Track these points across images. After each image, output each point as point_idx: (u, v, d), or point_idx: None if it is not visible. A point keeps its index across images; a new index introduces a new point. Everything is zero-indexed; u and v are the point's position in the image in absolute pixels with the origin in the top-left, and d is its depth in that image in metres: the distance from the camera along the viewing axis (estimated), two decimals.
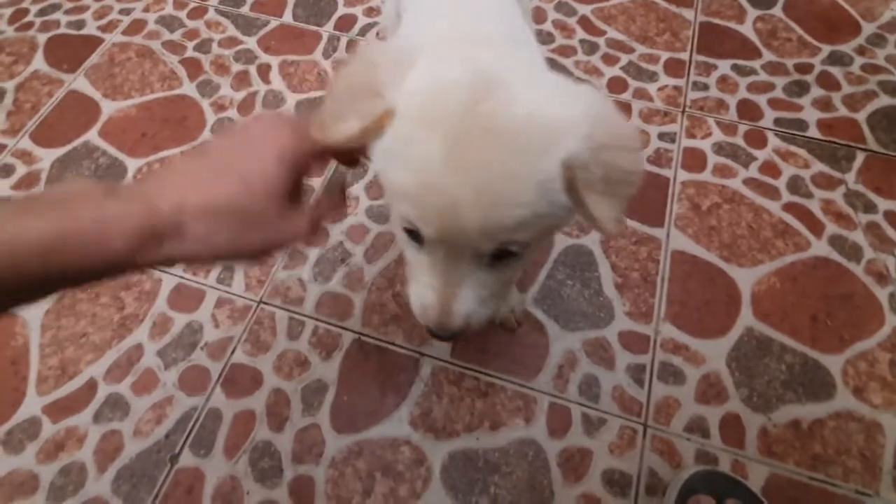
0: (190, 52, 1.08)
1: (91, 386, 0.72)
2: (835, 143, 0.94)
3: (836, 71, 1.03)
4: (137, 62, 1.07)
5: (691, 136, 0.96)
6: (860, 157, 0.92)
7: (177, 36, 1.11)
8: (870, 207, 0.87)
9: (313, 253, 0.84)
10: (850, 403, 0.71)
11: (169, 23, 1.13)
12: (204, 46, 1.09)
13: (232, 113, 0.99)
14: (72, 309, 0.79)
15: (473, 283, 0.37)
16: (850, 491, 0.65)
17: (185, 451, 0.68)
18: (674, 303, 0.79)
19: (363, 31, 1.10)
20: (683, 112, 0.99)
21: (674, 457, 0.68)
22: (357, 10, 1.14)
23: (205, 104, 1.01)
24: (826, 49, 1.06)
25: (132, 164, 0.93)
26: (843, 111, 0.98)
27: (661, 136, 0.96)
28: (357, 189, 0.90)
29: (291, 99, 1.01)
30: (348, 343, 0.76)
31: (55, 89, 1.03)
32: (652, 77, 1.04)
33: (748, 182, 0.90)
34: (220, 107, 1.00)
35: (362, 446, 0.69)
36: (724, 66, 1.05)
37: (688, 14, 1.13)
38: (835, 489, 0.65)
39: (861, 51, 1.06)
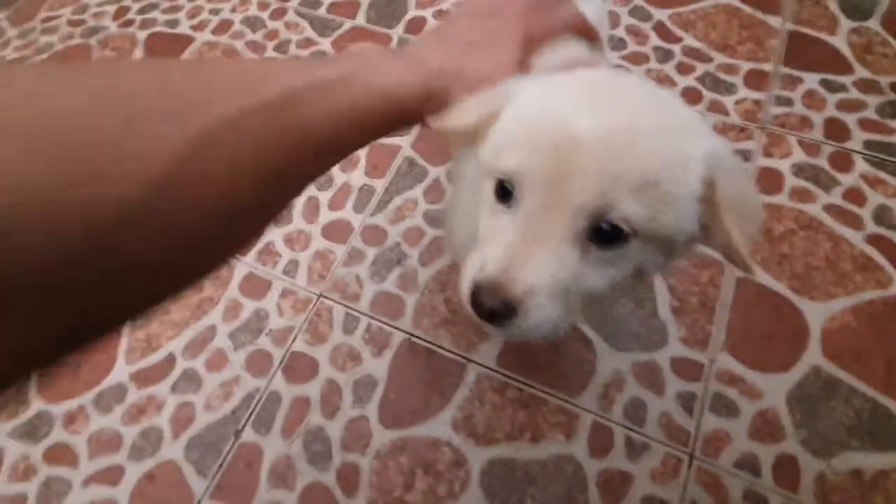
0: (270, 52, 1.15)
1: (170, 360, 0.80)
2: None
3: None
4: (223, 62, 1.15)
5: (769, 154, 0.91)
6: None
7: (259, 36, 1.18)
8: None
9: (371, 252, 0.88)
10: None
11: (252, 23, 1.20)
12: (282, 47, 1.15)
13: None
14: None
15: (555, 253, 0.29)
16: None
17: (247, 428, 0.74)
18: (734, 332, 0.76)
19: None
20: (763, 128, 0.93)
21: (719, 492, 0.66)
22: (427, 13, 1.16)
23: None
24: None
25: None
26: None
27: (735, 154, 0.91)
28: (416, 193, 0.93)
29: None
30: (398, 342, 0.79)
31: None
32: (730, 89, 0.99)
33: (829, 208, 0.85)
34: None
35: (406, 442, 0.72)
36: (811, 81, 0.98)
37: (774, 22, 1.06)
38: None
39: None
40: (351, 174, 0.96)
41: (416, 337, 0.80)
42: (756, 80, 0.99)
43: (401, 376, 0.77)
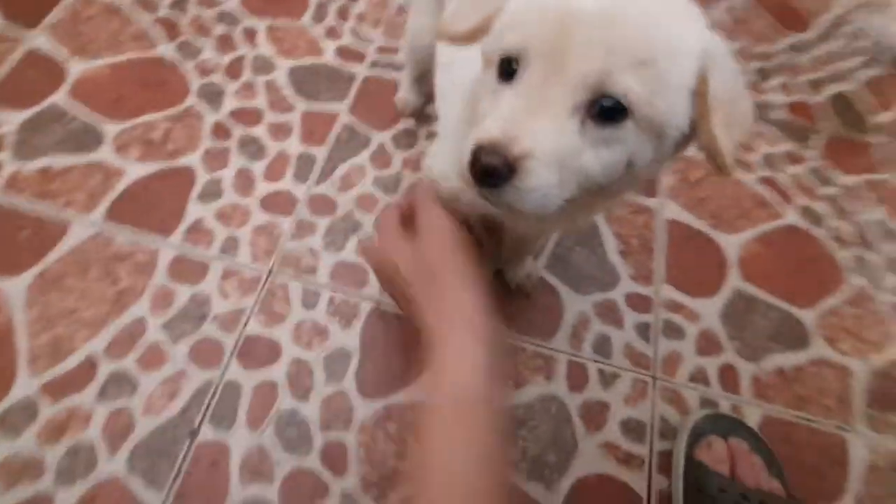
0: (164, 11, 1.00)
1: (90, 363, 0.66)
2: (798, 123, 1.04)
3: (797, 58, 1.13)
4: (104, 20, 0.97)
5: None
6: (821, 137, 1.03)
7: None
8: (828, 181, 0.97)
9: (322, 223, 0.81)
10: (824, 351, 0.80)
11: None
12: (179, 5, 1.01)
13: (218, 78, 0.93)
14: (57, 284, 0.72)
15: (556, 121, 0.30)
16: (832, 427, 0.74)
17: (204, 426, 0.65)
18: (671, 266, 0.85)
19: (352, 1, 1.07)
20: None
21: (681, 404, 0.74)
22: None
23: (187, 67, 0.94)
24: (786, 38, 1.16)
25: (110, 130, 0.86)
26: (804, 95, 1.08)
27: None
28: (362, 159, 0.88)
29: (283, 65, 0.97)
30: (367, 311, 0.75)
31: (13, 46, 0.92)
32: None
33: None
34: (204, 70, 0.94)
35: (391, 410, 0.69)
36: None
37: None
38: (818, 426, 0.74)
39: (817, 41, 1.17)
40: (285, 142, 0.88)
41: (385, 304, 0.76)
42: None
43: (375, 345, 0.73)
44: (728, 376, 0.76)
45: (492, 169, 0.29)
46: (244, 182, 0.84)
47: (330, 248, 0.79)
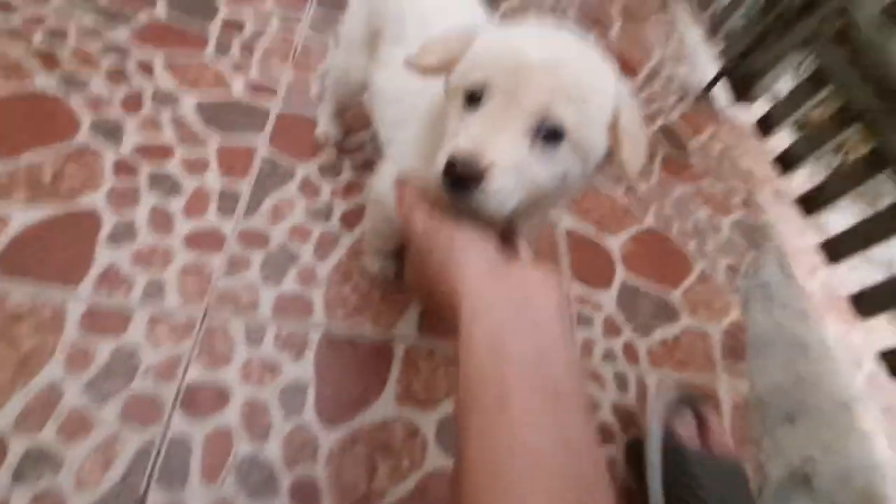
0: (39, 44, 0.89)
1: None
2: None
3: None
4: None
5: None
6: (658, 158, 1.31)
7: (16, 21, 0.90)
8: (670, 191, 1.25)
9: (257, 257, 0.80)
10: (689, 321, 1.02)
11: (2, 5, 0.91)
12: (57, 36, 0.91)
13: (114, 112, 0.86)
14: None
15: (512, 140, 0.38)
16: (704, 380, 0.94)
17: (152, 491, 0.59)
18: (574, 266, 1.00)
19: (256, 36, 1.08)
20: None
21: (600, 381, 0.87)
22: (243, 15, 1.11)
23: (74, 101, 0.85)
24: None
25: None
26: None
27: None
28: (289, 192, 0.89)
29: (188, 99, 0.93)
30: (317, 340, 0.75)
31: None
32: None
33: None
34: (96, 105, 0.86)
35: (356, 434, 0.70)
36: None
37: None
38: (695, 380, 0.94)
39: (644, 85, 1.49)
40: (202, 177, 0.85)
41: (334, 330, 0.77)
42: None
43: (330, 372, 0.73)
44: (630, 352, 0.93)
45: (466, 175, 0.37)
46: (161, 221, 0.78)
47: (268, 281, 0.78)
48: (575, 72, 0.40)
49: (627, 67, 1.52)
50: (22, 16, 0.91)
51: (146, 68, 0.93)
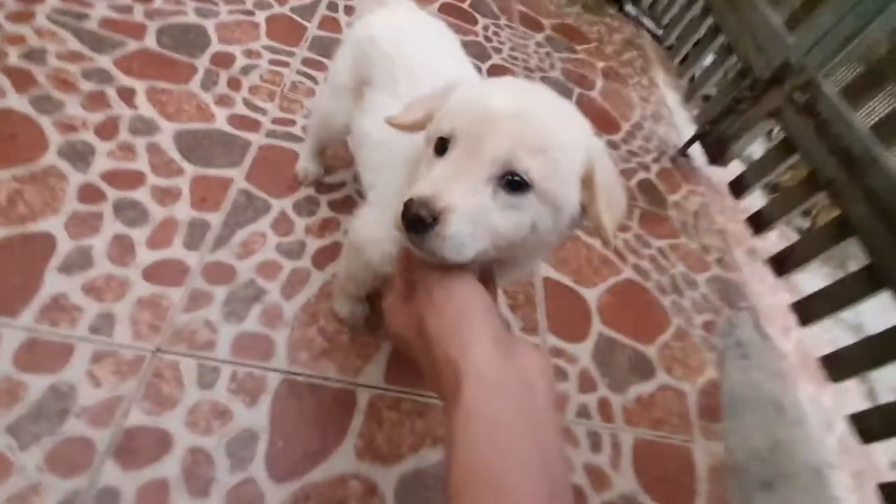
0: (14, 61, 0.88)
1: None
2: None
3: (613, 153, 1.47)
4: None
5: None
6: (637, 212, 1.33)
7: None
8: (647, 245, 1.26)
9: (220, 292, 0.76)
10: (666, 378, 1.00)
11: None
12: (35, 56, 0.90)
13: (87, 136, 0.84)
14: None
15: (472, 187, 0.38)
16: (679, 441, 0.91)
17: None
18: (550, 317, 0.99)
19: (245, 71, 1.08)
20: None
21: (570, 439, 0.84)
22: (234, 50, 1.12)
23: (44, 122, 0.83)
24: (604, 138, 1.51)
25: None
26: (622, 180, 1.40)
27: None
28: (262, 226, 0.86)
29: (168, 128, 0.91)
30: (276, 384, 0.71)
31: None
32: None
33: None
34: (68, 127, 0.84)
35: (308, 491, 0.64)
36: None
37: None
38: (670, 441, 0.91)
39: (624, 140, 1.54)
40: (173, 207, 0.82)
41: (296, 374, 0.73)
42: None
43: (286, 421, 0.68)
44: (604, 409, 0.90)
45: (420, 218, 0.37)
46: (121, 250, 0.74)
47: (230, 318, 0.74)
48: (540, 122, 0.40)
49: (610, 123, 1.57)
50: (1, 34, 0.90)
51: (128, 94, 0.92)
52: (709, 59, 1.75)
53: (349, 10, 1.37)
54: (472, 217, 0.38)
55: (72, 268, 0.70)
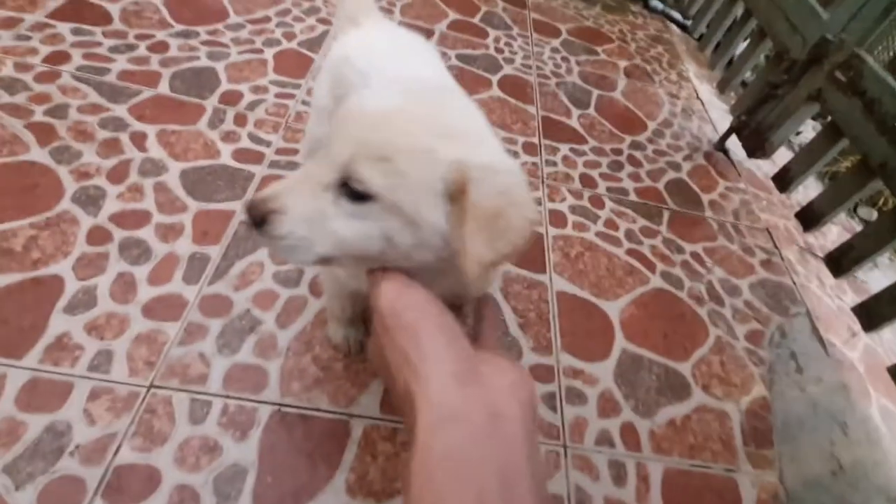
0: (39, 117, 0.95)
1: None
2: (648, 204, 1.24)
3: (637, 153, 1.38)
4: None
5: (552, 199, 1.17)
6: (666, 214, 1.23)
7: (20, 99, 0.97)
8: (679, 250, 1.16)
9: (215, 325, 0.76)
10: (703, 398, 0.89)
11: (8, 85, 0.99)
12: (59, 112, 0.98)
13: (100, 181, 0.89)
14: None
15: (311, 192, 0.37)
16: (721, 470, 0.80)
17: None
18: (565, 335, 0.92)
19: (252, 106, 1.12)
20: (543, 182, 1.21)
21: (591, 470, 0.76)
22: (242, 87, 1.16)
23: (62, 171, 0.89)
24: (628, 138, 1.43)
25: None
26: (648, 182, 1.31)
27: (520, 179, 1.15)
28: (260, 255, 0.87)
29: (175, 167, 0.95)
30: (266, 417, 0.69)
31: None
32: (514, 155, 1.26)
33: (598, 234, 1.13)
34: (83, 174, 0.89)
35: None
36: (564, 149, 1.33)
37: (532, 110, 1.42)
38: (710, 470, 0.80)
39: (650, 140, 1.45)
40: (175, 243, 0.84)
41: (288, 405, 0.71)
42: (529, 149, 1.29)
43: (276, 455, 0.66)
44: (629, 435, 0.81)
45: (251, 217, 0.37)
46: (123, 288, 0.77)
47: (224, 350, 0.74)
48: (391, 128, 0.36)
49: (634, 123, 1.48)
50: (27, 94, 0.98)
51: (139, 139, 0.98)
52: (742, 46, 1.62)
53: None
54: (307, 221, 0.37)
55: (76, 308, 0.73)
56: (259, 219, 0.36)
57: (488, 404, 0.31)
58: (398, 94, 0.38)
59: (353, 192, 0.36)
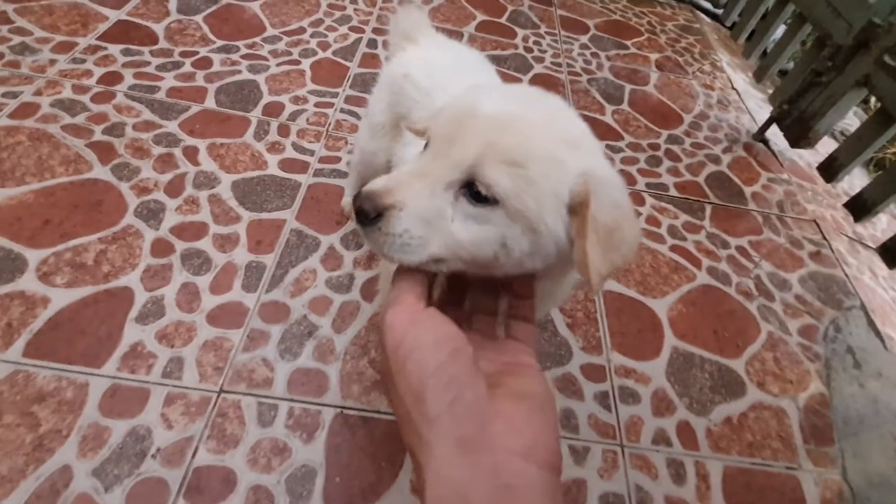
0: (99, 136, 1.00)
1: None
2: (689, 199, 1.23)
3: (675, 147, 1.36)
4: (31, 146, 0.95)
5: None
6: (708, 209, 1.21)
7: (80, 119, 1.02)
8: (724, 244, 1.14)
9: (276, 331, 0.79)
10: (759, 395, 0.88)
11: (69, 107, 1.04)
12: (116, 130, 1.02)
13: (159, 195, 0.93)
14: None
15: (429, 188, 0.35)
16: (782, 468, 0.79)
17: None
18: (615, 334, 0.91)
19: (293, 117, 1.15)
20: None
21: (650, 469, 0.76)
22: (283, 98, 1.19)
23: (123, 187, 0.93)
24: (664, 133, 1.41)
25: (33, 256, 0.80)
26: (688, 176, 1.29)
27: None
28: (313, 262, 0.89)
29: (226, 179, 0.99)
30: (330, 419, 0.72)
31: None
32: None
33: (641, 232, 1.12)
34: (143, 189, 0.93)
35: None
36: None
37: None
38: (771, 469, 0.79)
39: (687, 133, 1.42)
40: (232, 253, 0.87)
41: (349, 408, 0.73)
42: None
43: (341, 456, 0.69)
44: (685, 433, 0.80)
45: (366, 210, 0.34)
46: (188, 297, 0.80)
47: (286, 355, 0.77)
48: (520, 133, 0.35)
49: (669, 117, 1.46)
50: (86, 115, 1.03)
51: (191, 153, 1.01)
52: (779, 32, 1.58)
53: (388, 45, 1.42)
54: (424, 219, 0.34)
55: (147, 317, 0.77)
56: (374, 213, 0.34)
57: (497, 475, 0.28)
58: (512, 99, 0.38)
59: (475, 194, 0.34)
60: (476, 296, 0.40)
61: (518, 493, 0.27)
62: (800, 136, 1.33)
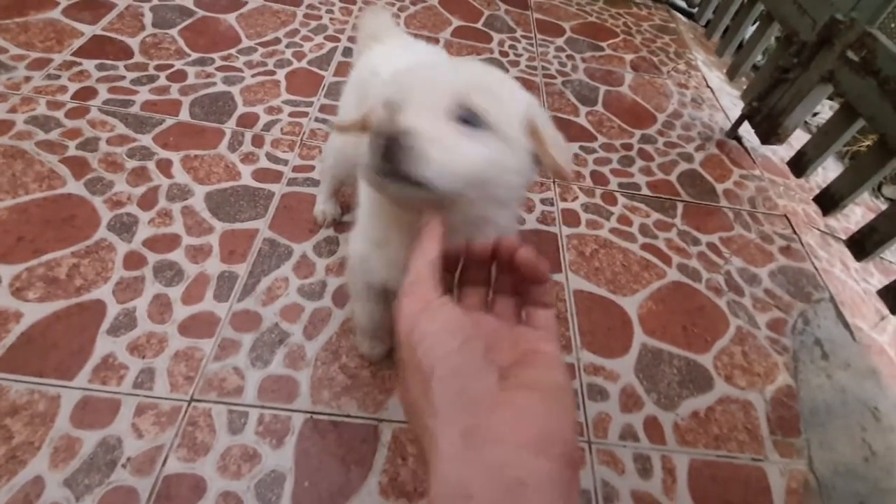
0: (72, 151, 1.01)
1: None
2: (661, 197, 1.25)
3: (648, 147, 1.39)
4: (5, 164, 0.97)
5: (564, 199, 1.19)
6: (680, 207, 1.23)
7: (54, 136, 1.04)
8: (695, 241, 1.16)
9: (247, 339, 0.80)
10: (726, 389, 0.89)
11: (43, 123, 1.06)
12: (90, 145, 1.04)
13: (132, 208, 0.94)
14: None
15: (435, 117, 0.39)
16: (748, 459, 0.81)
17: None
18: (585, 333, 0.93)
19: (268, 127, 1.16)
20: (554, 182, 1.22)
21: (617, 464, 0.77)
22: (258, 109, 1.21)
23: (97, 202, 0.94)
24: (638, 132, 1.43)
25: (6, 272, 0.81)
26: (660, 175, 1.31)
27: (543, 202, 1.16)
28: (285, 271, 0.91)
29: (199, 191, 1.00)
30: (300, 425, 0.73)
31: None
32: None
33: (612, 231, 1.14)
34: (116, 203, 0.95)
35: None
36: (573, 148, 1.34)
37: None
38: (736, 460, 0.80)
39: (661, 132, 1.45)
40: (204, 263, 0.89)
41: (319, 413, 0.74)
42: None
43: (311, 460, 0.70)
44: (653, 428, 0.82)
45: (382, 146, 0.36)
46: (160, 309, 0.82)
47: (256, 363, 0.78)
48: (486, 73, 0.45)
49: (643, 117, 1.48)
50: (60, 131, 1.04)
51: (165, 166, 1.03)
52: (750, 31, 1.60)
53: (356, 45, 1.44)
54: (438, 143, 0.37)
55: (119, 329, 0.78)
56: (397, 136, 0.36)
57: (506, 469, 0.26)
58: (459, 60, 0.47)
59: (467, 121, 0.40)
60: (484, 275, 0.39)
61: (525, 489, 0.25)
62: (769, 132, 1.35)
